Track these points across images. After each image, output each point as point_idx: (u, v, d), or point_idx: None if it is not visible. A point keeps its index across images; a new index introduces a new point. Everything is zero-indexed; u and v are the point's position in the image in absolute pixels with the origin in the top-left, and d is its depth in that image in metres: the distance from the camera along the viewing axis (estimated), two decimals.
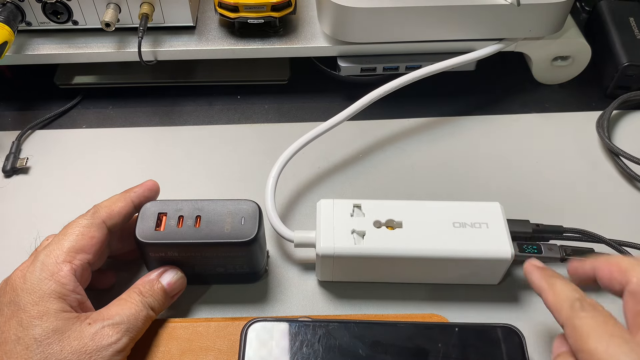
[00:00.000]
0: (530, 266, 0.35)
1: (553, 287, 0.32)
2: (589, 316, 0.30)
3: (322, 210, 0.39)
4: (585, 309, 0.30)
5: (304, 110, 0.54)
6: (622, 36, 0.54)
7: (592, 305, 0.30)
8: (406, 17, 0.48)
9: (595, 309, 0.30)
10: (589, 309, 0.30)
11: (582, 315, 0.30)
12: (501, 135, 0.51)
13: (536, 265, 0.35)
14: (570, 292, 0.32)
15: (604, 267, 0.32)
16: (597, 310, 0.30)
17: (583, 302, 0.31)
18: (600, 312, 0.30)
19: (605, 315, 0.30)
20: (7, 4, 0.48)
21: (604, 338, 0.28)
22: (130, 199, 0.38)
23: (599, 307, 0.30)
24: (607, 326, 0.29)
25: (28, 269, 0.34)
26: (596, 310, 0.30)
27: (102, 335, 0.32)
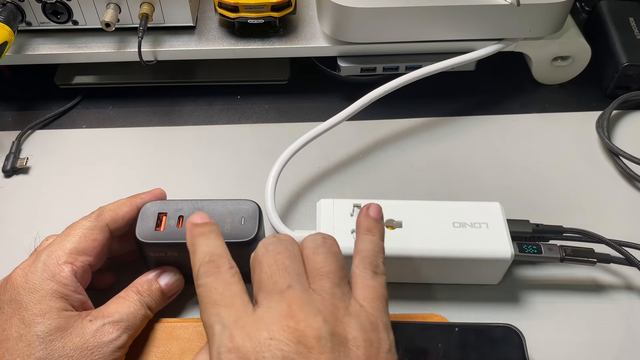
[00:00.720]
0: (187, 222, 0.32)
1: (195, 248, 0.31)
2: (203, 284, 0.29)
3: (322, 210, 0.39)
4: (205, 274, 0.29)
5: (304, 110, 0.54)
6: (622, 36, 0.54)
7: (215, 267, 0.29)
8: (406, 17, 0.48)
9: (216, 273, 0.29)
10: (208, 274, 0.29)
11: (199, 283, 0.29)
12: (501, 135, 0.51)
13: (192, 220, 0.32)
14: (202, 254, 0.30)
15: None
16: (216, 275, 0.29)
17: (208, 265, 0.29)
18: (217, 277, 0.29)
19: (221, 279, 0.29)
20: (7, 4, 0.48)
21: (208, 308, 0.28)
22: (136, 204, 0.38)
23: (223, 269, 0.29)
24: (215, 293, 0.28)
25: (29, 269, 0.34)
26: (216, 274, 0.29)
27: (103, 332, 0.33)
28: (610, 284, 0.41)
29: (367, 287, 0.30)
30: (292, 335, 0.26)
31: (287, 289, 0.28)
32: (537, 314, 0.39)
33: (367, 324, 0.28)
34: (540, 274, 0.42)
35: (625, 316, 0.39)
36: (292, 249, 0.30)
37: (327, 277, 0.29)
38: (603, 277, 0.41)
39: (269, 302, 0.28)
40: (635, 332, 0.39)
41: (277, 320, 0.27)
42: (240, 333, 0.27)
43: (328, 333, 0.26)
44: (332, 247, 0.31)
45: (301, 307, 0.27)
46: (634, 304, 0.40)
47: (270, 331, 0.26)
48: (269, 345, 0.26)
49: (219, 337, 0.27)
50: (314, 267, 0.30)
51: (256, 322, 0.27)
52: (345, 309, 0.28)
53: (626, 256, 0.39)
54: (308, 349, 0.26)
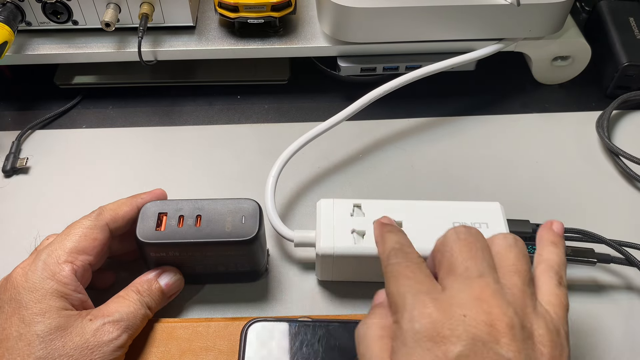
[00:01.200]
0: (375, 222, 0.35)
1: (384, 239, 0.33)
2: (395, 262, 0.30)
3: (322, 210, 0.39)
4: (396, 256, 0.31)
5: (304, 110, 0.54)
6: (622, 36, 0.54)
7: (404, 253, 0.31)
8: (406, 17, 0.48)
9: (405, 257, 0.31)
10: (399, 256, 0.31)
11: (391, 262, 0.31)
12: (501, 136, 0.51)
13: (380, 221, 0.35)
14: (392, 242, 0.32)
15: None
16: (406, 258, 0.31)
17: (398, 251, 0.31)
18: (407, 259, 0.31)
19: (412, 262, 0.30)
20: (7, 4, 0.48)
21: (400, 280, 0.29)
22: (136, 204, 0.38)
23: (411, 256, 0.31)
24: (406, 269, 0.30)
25: (30, 268, 0.34)
26: (406, 257, 0.31)
27: (103, 331, 0.33)
28: (610, 284, 0.41)
29: (552, 294, 0.30)
30: (485, 317, 0.27)
31: (479, 276, 0.29)
32: None
33: (552, 327, 0.29)
34: None
35: (625, 316, 0.39)
36: (482, 241, 0.31)
37: (518, 275, 0.30)
38: (603, 277, 0.41)
39: (459, 285, 0.28)
40: (635, 332, 0.39)
41: (470, 301, 0.27)
42: (434, 304, 0.27)
43: (519, 324, 0.27)
44: (523, 248, 0.32)
45: (493, 294, 0.28)
46: (634, 304, 0.40)
47: (463, 309, 0.27)
48: (462, 321, 0.26)
49: (411, 304, 0.28)
50: (506, 264, 0.30)
51: (449, 299, 0.28)
52: (533, 308, 0.29)
53: (626, 256, 0.39)
54: (500, 333, 0.26)
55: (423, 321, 0.27)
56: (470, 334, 0.26)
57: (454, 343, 0.26)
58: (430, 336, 0.26)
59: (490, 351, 0.26)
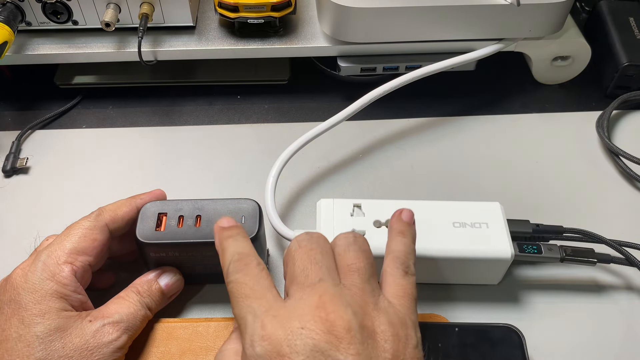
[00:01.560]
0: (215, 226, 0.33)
1: (223, 249, 0.32)
2: (233, 280, 0.30)
3: (322, 210, 0.39)
4: (235, 271, 0.30)
5: (304, 110, 0.54)
6: (622, 36, 0.54)
7: (244, 265, 0.30)
8: (406, 17, 0.48)
9: (245, 270, 0.30)
10: (237, 271, 0.30)
11: (229, 280, 0.30)
12: (501, 136, 0.51)
13: (219, 224, 0.33)
14: (230, 254, 0.31)
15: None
16: (245, 271, 0.30)
17: (237, 263, 0.30)
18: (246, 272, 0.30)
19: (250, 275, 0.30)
20: (7, 4, 0.48)
21: (240, 301, 0.29)
22: (136, 204, 0.37)
23: (251, 267, 0.30)
24: (245, 287, 0.29)
25: (29, 269, 0.34)
26: (245, 271, 0.30)
27: (103, 332, 0.33)
28: (611, 284, 0.41)
29: (397, 285, 0.31)
30: (322, 325, 0.27)
31: (319, 282, 0.29)
32: (537, 314, 0.39)
33: (396, 320, 0.29)
34: (540, 274, 0.42)
35: (625, 316, 0.39)
36: (323, 246, 0.31)
37: (357, 273, 0.30)
38: (603, 277, 0.41)
39: (300, 294, 0.29)
40: (635, 332, 0.39)
41: (308, 310, 0.27)
42: (272, 322, 0.27)
43: (357, 325, 0.27)
44: (362, 245, 0.32)
45: (332, 299, 0.28)
46: (634, 304, 0.40)
47: (301, 321, 0.27)
48: (300, 334, 0.26)
49: (251, 326, 0.28)
50: (345, 264, 0.30)
51: (287, 312, 0.28)
52: (375, 304, 0.29)
53: (626, 256, 0.39)
54: (338, 339, 0.26)
55: (263, 344, 0.27)
56: (309, 346, 0.26)
57: (293, 359, 0.26)
58: (270, 358, 0.26)
59: (328, 358, 0.26)
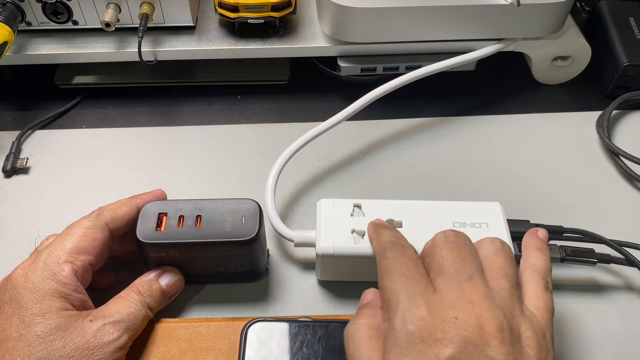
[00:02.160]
0: (369, 224, 0.36)
1: (379, 234, 0.34)
2: (391, 257, 0.31)
3: (322, 210, 0.39)
4: (392, 249, 0.32)
5: (304, 110, 0.54)
6: (622, 36, 0.54)
7: (401, 247, 0.32)
8: (406, 17, 0.48)
9: (402, 251, 0.31)
10: (395, 250, 0.31)
11: (386, 256, 0.31)
12: (501, 136, 0.51)
13: (374, 222, 0.36)
14: (388, 237, 0.33)
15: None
16: (402, 252, 0.31)
17: (394, 244, 0.32)
18: (403, 254, 0.31)
19: (408, 257, 0.31)
20: (7, 4, 0.48)
21: (395, 277, 0.30)
22: (136, 204, 0.38)
23: (407, 250, 0.32)
24: (402, 266, 0.30)
25: (30, 268, 0.34)
26: (402, 251, 0.31)
27: (103, 332, 0.33)
28: (611, 284, 0.41)
29: (539, 298, 0.31)
30: (476, 320, 0.27)
31: (469, 279, 0.29)
32: None
33: (538, 330, 0.29)
34: None
35: (625, 316, 0.39)
36: (471, 245, 0.32)
37: (506, 278, 0.31)
38: (603, 277, 0.41)
39: (450, 286, 0.29)
40: (635, 332, 0.39)
41: (461, 303, 0.28)
42: (427, 306, 0.28)
43: (507, 326, 0.28)
44: (510, 253, 0.33)
45: (484, 297, 0.28)
46: (634, 304, 0.40)
47: (455, 311, 0.28)
48: (454, 324, 0.27)
49: (404, 304, 0.28)
50: (494, 267, 0.31)
51: (441, 301, 0.28)
52: (521, 311, 0.30)
53: (626, 256, 0.39)
54: (490, 335, 0.27)
55: (416, 323, 0.27)
56: (462, 336, 0.27)
57: (445, 345, 0.27)
58: (422, 338, 0.27)
59: (480, 354, 0.26)
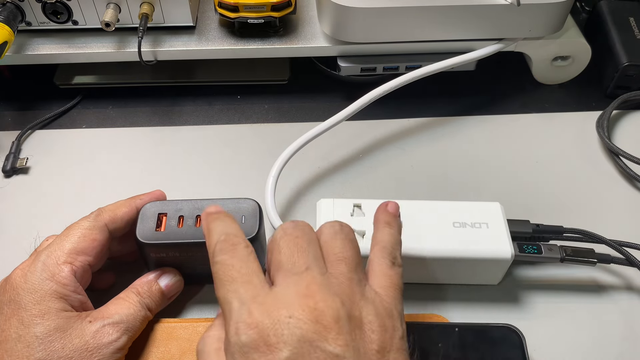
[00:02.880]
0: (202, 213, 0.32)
1: (210, 231, 0.31)
2: (220, 260, 0.29)
3: (322, 210, 0.39)
4: (221, 251, 0.29)
5: (304, 110, 0.54)
6: (622, 36, 0.54)
7: (231, 246, 0.29)
8: (406, 17, 0.48)
9: (232, 251, 0.29)
10: (224, 252, 0.29)
11: (215, 260, 0.29)
12: (501, 135, 0.51)
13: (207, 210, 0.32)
14: (217, 234, 0.30)
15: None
16: (232, 253, 0.29)
17: (224, 243, 0.29)
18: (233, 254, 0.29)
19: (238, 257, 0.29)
20: (7, 4, 0.48)
21: (225, 284, 0.28)
22: (135, 205, 0.37)
23: (239, 248, 0.29)
24: (232, 270, 0.28)
25: (29, 269, 0.34)
26: (232, 252, 0.29)
27: (103, 333, 0.33)
28: (611, 284, 0.41)
29: (384, 276, 0.30)
30: (310, 314, 0.26)
31: (306, 270, 0.28)
32: (537, 314, 0.39)
33: (382, 310, 0.28)
34: (540, 274, 0.42)
35: (625, 316, 0.39)
36: (309, 233, 0.31)
37: (344, 262, 0.30)
38: (603, 277, 0.41)
39: (286, 282, 0.28)
40: (635, 332, 0.39)
41: (296, 299, 0.27)
42: (259, 310, 0.27)
43: (345, 315, 0.27)
44: (349, 234, 0.31)
45: (319, 288, 0.27)
46: (634, 304, 0.40)
47: (289, 309, 0.26)
48: (287, 323, 0.26)
49: (237, 313, 0.27)
50: (332, 252, 0.30)
51: (274, 300, 0.27)
52: (362, 294, 0.29)
53: (626, 256, 0.39)
54: (326, 328, 0.26)
55: (249, 332, 0.26)
56: (296, 336, 0.26)
57: (280, 349, 0.25)
58: (256, 347, 0.26)
59: (317, 350, 0.25)
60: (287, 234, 0.30)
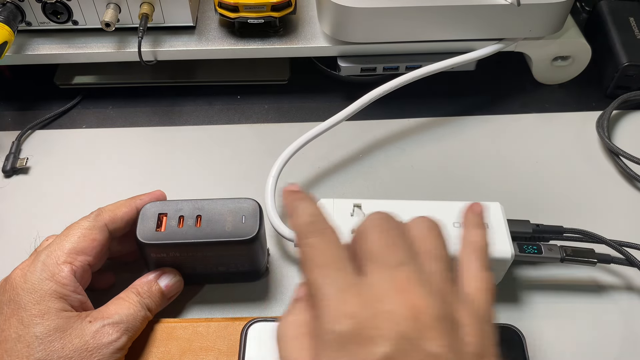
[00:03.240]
0: (284, 191, 0.31)
1: (295, 210, 0.30)
2: (311, 243, 0.28)
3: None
4: (311, 234, 0.28)
5: (303, 110, 0.54)
6: (622, 36, 0.54)
7: (321, 230, 0.28)
8: (406, 17, 0.48)
9: (322, 235, 0.28)
10: (315, 234, 0.28)
11: (305, 242, 0.28)
12: (501, 135, 0.51)
13: (288, 189, 0.31)
14: (305, 216, 0.29)
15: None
16: (322, 236, 0.28)
17: (313, 225, 0.28)
18: (324, 239, 0.28)
19: (329, 242, 0.28)
20: (7, 4, 0.48)
21: (317, 269, 0.27)
22: (135, 205, 0.37)
23: (328, 232, 0.28)
24: (324, 254, 0.27)
25: (29, 269, 0.34)
26: (322, 235, 0.28)
27: (102, 333, 0.33)
28: (611, 284, 0.41)
29: (478, 278, 0.29)
30: (410, 311, 0.25)
31: (400, 264, 0.27)
32: (537, 314, 0.39)
33: (479, 314, 0.27)
34: (541, 274, 0.42)
35: (625, 316, 0.39)
36: (401, 226, 0.29)
37: (439, 260, 0.28)
38: (603, 277, 0.41)
39: (380, 274, 0.26)
40: (635, 332, 0.39)
41: (393, 293, 0.26)
42: (356, 300, 0.25)
43: (445, 315, 0.26)
44: (441, 232, 0.30)
45: (417, 285, 0.26)
46: (634, 304, 0.40)
47: (386, 303, 0.25)
48: (387, 318, 0.25)
49: (332, 300, 0.26)
50: (426, 249, 0.29)
51: (370, 292, 0.26)
52: (457, 295, 0.28)
53: (626, 256, 0.39)
54: (426, 327, 0.25)
55: (346, 322, 0.25)
56: (396, 331, 0.24)
57: (379, 344, 0.24)
58: (354, 338, 0.25)
59: (417, 348, 0.24)
60: (378, 224, 0.29)
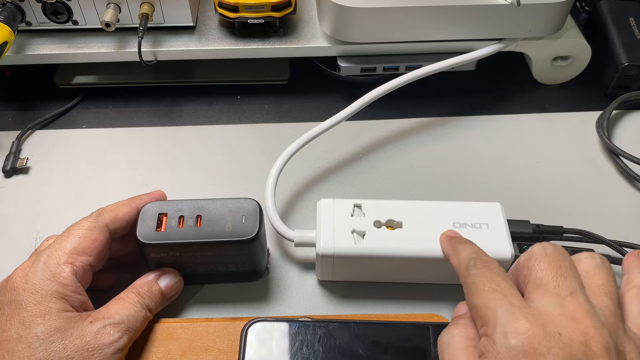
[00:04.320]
0: (442, 236, 0.37)
1: (457, 250, 0.34)
2: (477, 273, 0.30)
3: (323, 210, 0.39)
4: (476, 266, 0.31)
5: (303, 110, 0.54)
6: (622, 36, 0.54)
7: (485, 263, 0.31)
8: (406, 17, 0.48)
9: (486, 266, 0.31)
10: (479, 266, 0.31)
11: (472, 273, 0.31)
12: (501, 135, 0.51)
13: (447, 234, 0.36)
14: (468, 253, 0.33)
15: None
16: (487, 268, 0.31)
17: (477, 260, 0.31)
18: (489, 269, 0.31)
19: (494, 272, 0.30)
20: (7, 4, 0.48)
21: (485, 293, 0.29)
22: (136, 205, 0.38)
23: (492, 265, 0.31)
24: (491, 282, 0.30)
25: (30, 269, 0.34)
26: (486, 267, 0.31)
27: (103, 333, 0.33)
28: None
29: None
30: (581, 337, 0.26)
31: (571, 294, 0.28)
32: None
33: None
34: None
35: None
36: (570, 259, 0.31)
37: (609, 296, 0.30)
38: None
39: (550, 301, 0.28)
40: None
41: (564, 319, 0.27)
42: (527, 319, 0.27)
43: (614, 346, 0.27)
44: (611, 269, 0.31)
45: (587, 314, 0.27)
46: None
47: (558, 326, 0.27)
48: (558, 339, 0.26)
49: (504, 318, 0.27)
50: (596, 283, 0.30)
51: (541, 315, 0.27)
52: (624, 331, 0.29)
53: None
54: (595, 354, 0.26)
55: (519, 337, 0.26)
56: (567, 353, 0.26)
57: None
58: (525, 352, 0.26)
59: None
60: (548, 254, 0.30)
